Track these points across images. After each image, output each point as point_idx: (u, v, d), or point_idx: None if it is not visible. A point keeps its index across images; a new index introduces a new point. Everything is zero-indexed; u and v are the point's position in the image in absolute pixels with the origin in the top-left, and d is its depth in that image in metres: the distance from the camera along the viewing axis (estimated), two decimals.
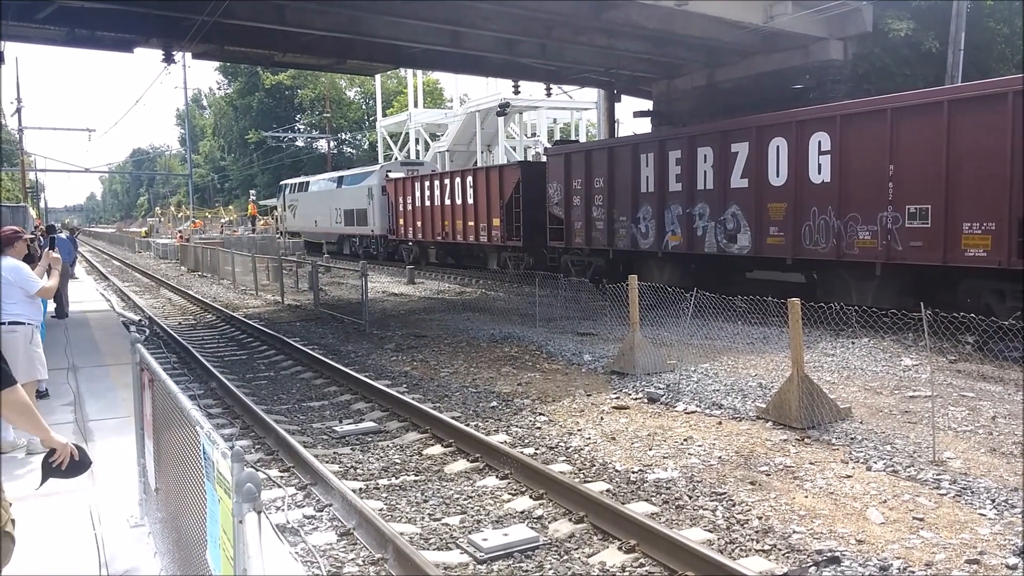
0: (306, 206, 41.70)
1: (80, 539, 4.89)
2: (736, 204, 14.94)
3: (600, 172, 18.50)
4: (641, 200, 17.28)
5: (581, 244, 19.35)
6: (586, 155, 19.18)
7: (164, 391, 3.90)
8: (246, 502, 2.33)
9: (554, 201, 20.19)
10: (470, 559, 5.30)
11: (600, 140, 19.99)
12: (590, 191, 18.82)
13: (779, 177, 14.07)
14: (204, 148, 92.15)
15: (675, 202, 16.38)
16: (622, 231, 17.88)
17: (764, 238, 14.39)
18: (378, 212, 32.84)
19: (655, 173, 16.86)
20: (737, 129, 15.08)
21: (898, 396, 8.97)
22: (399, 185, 30.68)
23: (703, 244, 15.73)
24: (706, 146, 15.58)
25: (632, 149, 17.66)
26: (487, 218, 24.28)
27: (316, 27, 18.70)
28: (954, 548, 5.12)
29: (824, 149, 13.27)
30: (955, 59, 18.31)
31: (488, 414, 8.98)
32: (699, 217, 15.82)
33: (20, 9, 16.18)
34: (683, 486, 6.42)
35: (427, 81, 61.22)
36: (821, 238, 13.35)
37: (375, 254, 33.97)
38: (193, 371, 11.76)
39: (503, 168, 24.63)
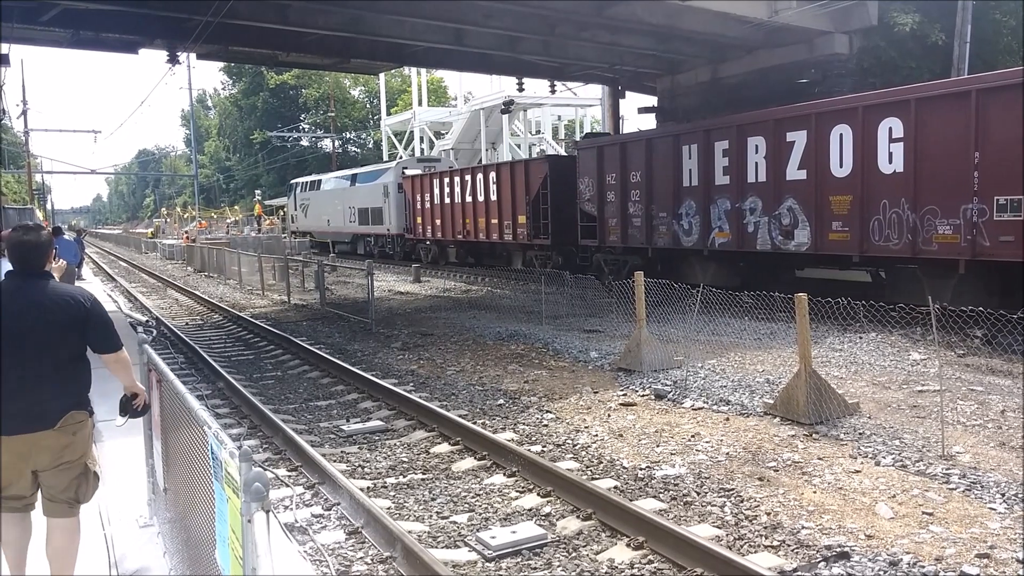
0: (318, 205, 40.83)
1: (90, 539, 4.90)
2: (793, 197, 13.94)
3: (637, 165, 17.54)
4: (683, 195, 16.32)
5: (616, 242, 18.40)
6: (621, 148, 18.19)
7: (172, 391, 3.90)
8: (254, 501, 2.33)
9: (585, 197, 19.26)
10: (478, 557, 5.30)
11: (637, 132, 18.85)
12: (626, 186, 17.86)
13: (843, 168, 13.05)
14: (209, 148, 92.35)
15: (722, 196, 15.38)
16: (662, 228, 16.93)
17: (826, 234, 13.39)
18: (394, 210, 32.01)
19: (699, 165, 15.86)
20: (793, 117, 14.05)
21: (906, 391, 8.94)
22: (416, 182, 29.78)
23: (755, 241, 14.70)
24: (757, 135, 14.56)
25: (673, 140, 16.60)
26: (512, 216, 23.29)
27: (319, 26, 18.71)
28: (964, 543, 5.10)
29: (896, 136, 12.22)
30: (961, 52, 18.24)
31: (495, 412, 8.98)
32: (750, 212, 14.81)
33: (25, 12, 16.23)
34: (691, 482, 6.41)
35: (431, 79, 61.21)
36: (893, 233, 12.31)
37: (391, 254, 33.19)
38: (200, 371, 11.80)
39: (529, 163, 23.64)
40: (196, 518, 3.52)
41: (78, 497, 3.95)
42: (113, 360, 3.96)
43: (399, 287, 23.77)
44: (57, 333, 3.76)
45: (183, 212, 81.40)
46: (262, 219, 55.96)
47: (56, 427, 3.76)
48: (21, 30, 17.26)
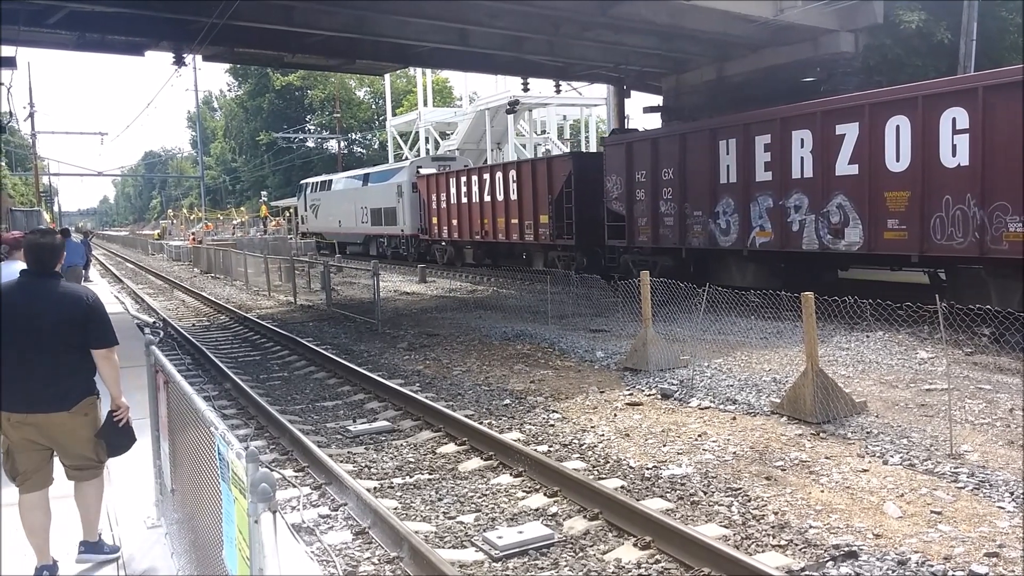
0: (329, 206, 40.11)
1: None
2: (843, 194, 13.22)
3: (669, 162, 16.88)
4: (720, 192, 15.63)
5: (646, 242, 17.74)
6: (652, 144, 17.52)
7: (179, 392, 3.91)
8: (261, 502, 2.33)
9: (613, 196, 18.66)
10: (485, 557, 5.30)
11: (669, 126, 18.02)
12: (657, 184, 17.21)
13: (899, 162, 12.31)
14: (215, 150, 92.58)
15: (763, 193, 14.70)
16: (696, 227, 16.25)
17: (880, 232, 12.64)
18: (408, 211, 31.25)
19: (738, 161, 15.15)
20: (843, 108, 13.30)
21: (914, 389, 8.91)
22: (432, 181, 28.89)
23: (800, 240, 13.99)
24: (803, 129, 13.85)
25: (709, 135, 15.91)
26: (533, 215, 22.58)
27: (324, 27, 18.74)
28: (973, 541, 5.08)
29: (960, 127, 11.45)
30: (967, 49, 18.19)
31: (501, 412, 8.97)
32: (795, 210, 14.10)
33: (31, 14, 16.29)
34: (698, 482, 6.40)
35: (436, 80, 61.29)
36: (957, 231, 11.54)
37: (405, 255, 32.42)
38: (207, 372, 11.82)
39: (552, 160, 22.83)
40: (203, 519, 3.53)
41: (99, 457, 4.47)
42: (103, 356, 4.31)
43: (405, 287, 23.79)
44: (68, 327, 4.22)
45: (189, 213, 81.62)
46: (268, 220, 56.05)
47: (71, 410, 4.26)
48: (27, 32, 17.32)
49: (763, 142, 14.71)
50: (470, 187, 26.15)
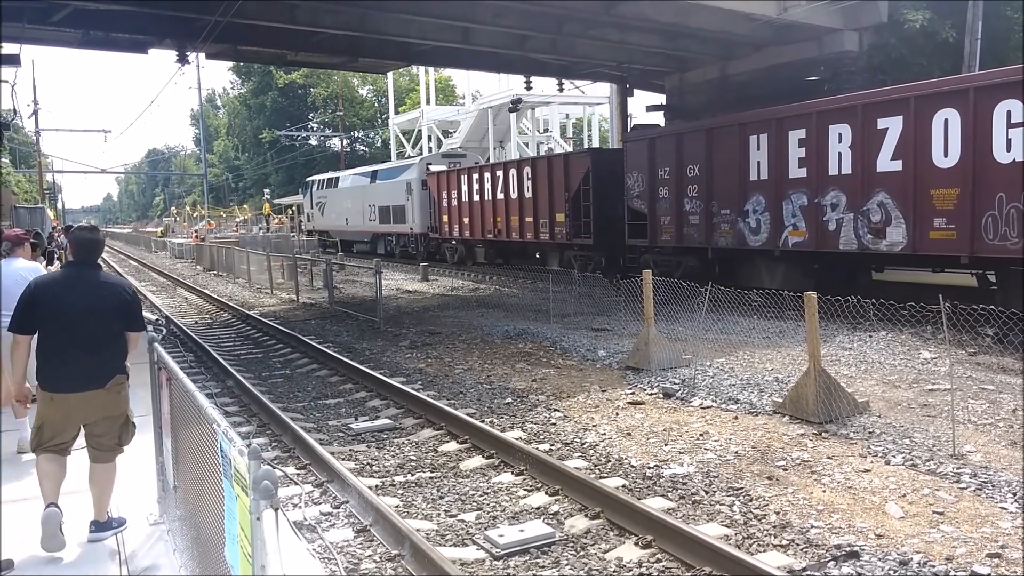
0: (336, 203, 39.38)
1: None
2: (885, 191, 12.60)
3: (695, 158, 16.28)
4: (750, 189, 15.04)
5: (669, 241, 17.12)
6: (677, 139, 16.89)
7: (181, 389, 3.92)
8: (263, 499, 2.33)
9: (634, 193, 18.02)
10: (486, 555, 5.30)
11: (695, 121, 17.45)
12: (681, 181, 16.60)
13: (948, 157, 11.73)
14: (218, 148, 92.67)
15: (797, 191, 14.10)
16: (724, 226, 15.64)
17: (925, 231, 12.06)
18: (418, 208, 30.66)
19: (770, 157, 14.57)
20: (886, 101, 12.69)
21: (917, 389, 8.90)
22: (442, 179, 28.20)
23: (837, 240, 13.41)
24: (841, 123, 13.22)
25: (738, 130, 15.28)
26: (549, 213, 21.85)
27: (327, 26, 18.74)
28: (975, 542, 5.07)
29: (1016, 121, 10.91)
30: (972, 48, 18.17)
31: (503, 410, 8.97)
32: (831, 208, 13.50)
33: (35, 12, 16.31)
34: (699, 481, 6.40)
35: (439, 78, 61.30)
36: (1011, 231, 10.97)
37: (414, 254, 31.77)
38: (210, 369, 11.83)
39: (569, 157, 22.16)
40: (206, 516, 3.54)
41: (120, 441, 4.87)
42: (136, 337, 4.91)
43: (407, 286, 23.79)
44: (109, 313, 4.72)
45: (192, 211, 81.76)
46: (271, 218, 56.11)
47: (105, 387, 4.70)
48: (32, 30, 17.33)
49: (797, 137, 14.09)
50: (482, 184, 25.48)
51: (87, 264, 4.84)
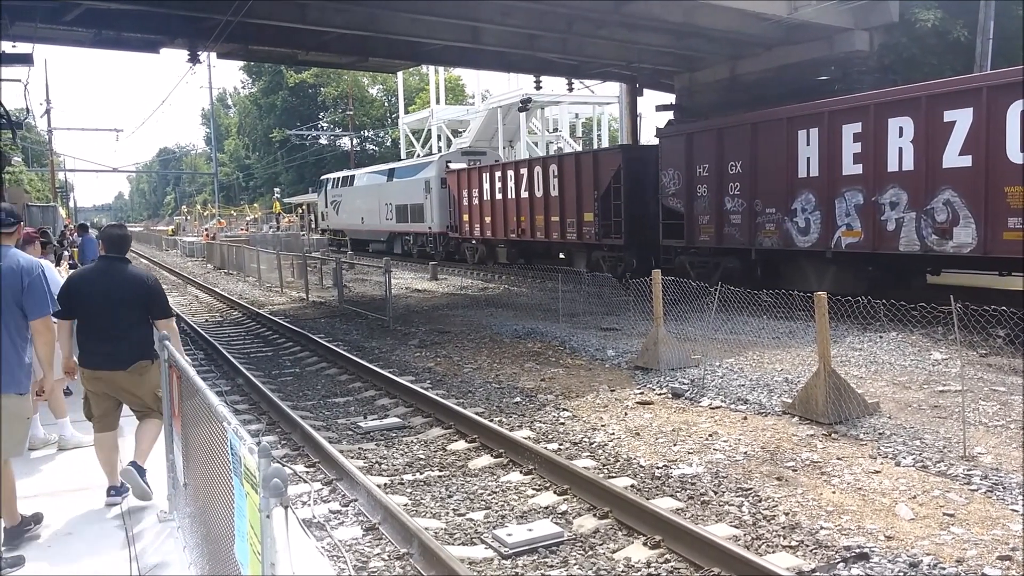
0: (351, 202, 38.58)
1: (111, 533, 4.96)
2: (952, 189, 11.85)
3: (737, 154, 15.53)
4: (799, 187, 14.30)
5: (708, 242, 16.38)
6: (717, 135, 16.13)
7: (192, 387, 3.94)
8: (273, 497, 2.34)
9: (670, 191, 17.27)
10: (495, 554, 5.31)
11: (737, 115, 16.51)
12: (722, 178, 15.85)
13: None
14: (229, 147, 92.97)
15: (852, 189, 13.33)
16: (769, 226, 14.89)
17: (998, 232, 11.31)
18: (436, 207, 29.87)
19: (821, 153, 13.85)
20: (953, 92, 11.92)
21: (927, 391, 8.86)
22: (463, 177, 27.46)
23: (896, 241, 12.64)
24: (902, 116, 12.45)
25: (786, 124, 14.48)
26: (576, 212, 21.04)
27: (337, 25, 18.78)
28: (985, 544, 5.05)
29: None
30: (984, 48, 18.06)
31: (512, 410, 8.98)
32: (890, 207, 12.72)
33: (48, 12, 16.40)
34: (708, 482, 6.38)
35: (449, 78, 61.32)
36: None
37: (432, 254, 30.94)
38: (220, 367, 11.88)
39: (599, 154, 21.36)
40: (215, 513, 3.55)
41: (156, 407, 5.27)
42: (164, 325, 5.24)
43: (416, 284, 23.82)
44: (134, 302, 5.23)
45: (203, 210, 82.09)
46: (281, 217, 56.25)
47: (127, 370, 5.16)
48: (44, 30, 17.44)
49: (852, 131, 13.33)
50: (505, 182, 24.69)
51: (116, 258, 5.40)
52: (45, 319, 4.69)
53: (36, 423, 6.83)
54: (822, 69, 20.75)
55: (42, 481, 5.99)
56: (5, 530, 4.62)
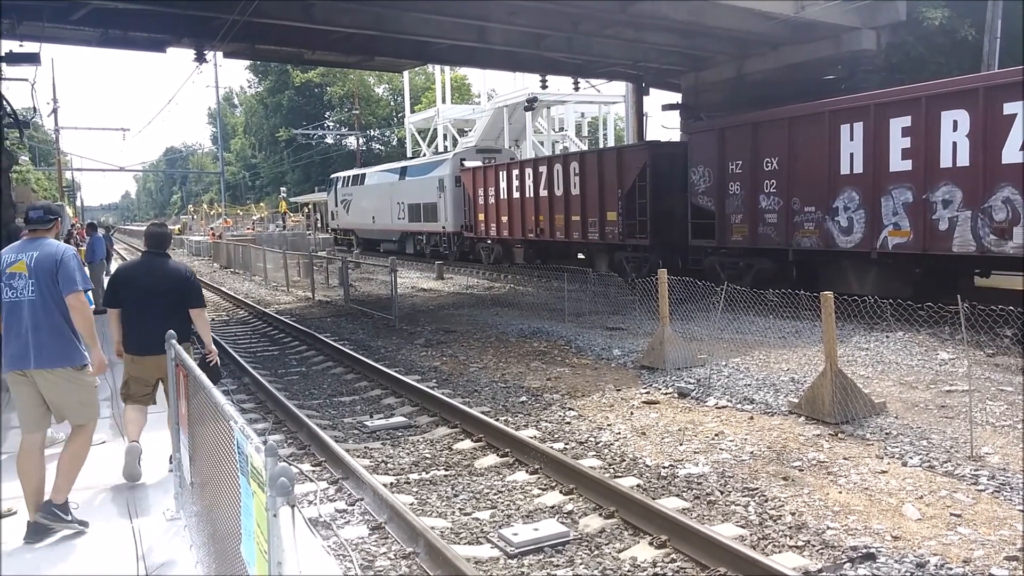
0: (362, 201, 37.99)
1: (118, 531, 4.97)
2: (1012, 186, 11.24)
3: (773, 150, 14.89)
4: (841, 184, 13.66)
5: (741, 242, 15.75)
6: (752, 129, 15.44)
7: (199, 386, 3.95)
8: (280, 496, 2.35)
9: (699, 189, 16.65)
10: (500, 553, 5.31)
11: (773, 109, 15.76)
12: (756, 175, 15.23)
13: None
14: (235, 146, 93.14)
15: (900, 186, 12.68)
16: (808, 225, 14.26)
17: None
18: (451, 206, 29.17)
19: (866, 148, 13.19)
20: (1013, 83, 11.28)
21: (934, 390, 8.84)
22: (478, 175, 26.67)
23: (949, 241, 12.02)
24: (956, 109, 11.84)
25: (827, 119, 13.82)
26: (599, 212, 20.31)
27: (344, 25, 18.81)
28: (993, 545, 5.03)
29: None
30: (991, 47, 17.98)
31: (517, 409, 8.98)
32: (943, 205, 12.08)
33: (55, 11, 16.46)
34: (714, 481, 6.38)
35: (455, 77, 61.31)
36: None
37: (445, 254, 30.40)
38: (226, 366, 11.88)
39: (623, 151, 20.46)
40: (222, 512, 3.56)
41: None
42: (197, 314, 5.99)
43: (422, 284, 23.84)
44: (169, 292, 5.88)
45: (209, 209, 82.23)
46: (287, 216, 56.35)
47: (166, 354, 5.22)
48: (51, 29, 17.51)
49: (900, 125, 12.67)
50: (523, 181, 23.86)
51: (157, 253, 6.12)
52: (78, 294, 4.91)
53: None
54: (829, 68, 20.68)
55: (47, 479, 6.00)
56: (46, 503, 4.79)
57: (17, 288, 4.83)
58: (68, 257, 4.92)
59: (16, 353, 4.81)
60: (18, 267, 4.85)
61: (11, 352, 4.82)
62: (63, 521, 4.79)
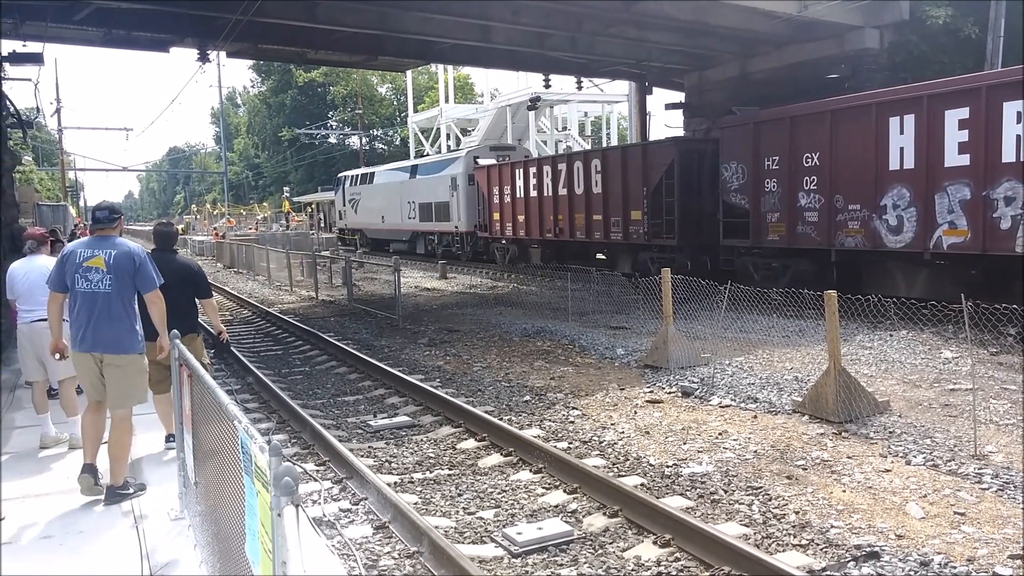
0: (370, 200, 37.10)
1: (122, 531, 4.98)
2: None
3: (814, 144, 14.13)
4: (889, 181, 12.90)
5: (777, 242, 14.98)
6: (791, 123, 14.67)
7: (203, 386, 3.95)
8: (284, 495, 2.35)
9: (732, 187, 15.89)
10: (504, 553, 5.31)
11: (814, 101, 14.93)
12: (796, 171, 14.49)
13: None
14: (238, 146, 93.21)
15: (956, 182, 11.99)
16: (853, 224, 13.50)
17: None
18: (464, 205, 28.43)
19: (918, 142, 12.47)
20: None
21: (938, 389, 8.82)
22: (493, 173, 25.76)
23: (1012, 241, 11.32)
24: (1020, 100, 11.09)
25: (875, 111, 13.04)
26: (622, 211, 19.45)
27: (347, 24, 18.82)
28: (996, 543, 5.03)
29: None
30: (995, 45, 17.95)
31: (521, 408, 8.98)
32: (1005, 202, 11.41)
33: (58, 11, 16.49)
34: (718, 480, 6.38)
35: (458, 76, 61.32)
36: None
37: (458, 254, 29.74)
38: (230, 366, 11.92)
39: (649, 147, 19.57)
40: (226, 511, 3.56)
41: None
42: (208, 303, 6.92)
43: (425, 283, 23.85)
44: (184, 286, 6.57)
45: (212, 209, 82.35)
46: (290, 216, 56.40)
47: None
48: (54, 29, 17.54)
49: (957, 117, 11.99)
50: (541, 179, 22.98)
51: (165, 249, 6.79)
52: (156, 291, 5.60)
53: (47, 422, 6.88)
54: (832, 67, 20.67)
55: (52, 479, 6.03)
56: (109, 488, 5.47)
57: (93, 281, 5.42)
58: (144, 260, 5.59)
59: (84, 337, 5.43)
60: (96, 262, 5.43)
61: (80, 335, 5.46)
62: (127, 497, 5.46)
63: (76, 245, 5.63)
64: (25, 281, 6.95)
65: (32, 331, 6.87)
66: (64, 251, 5.73)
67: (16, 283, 7.00)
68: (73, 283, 5.44)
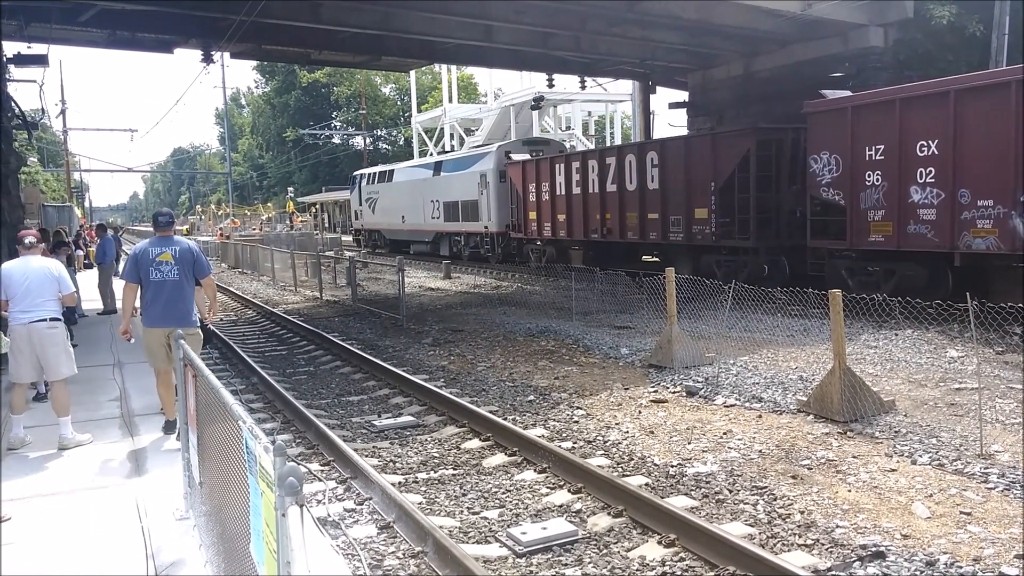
0: (390, 199, 35.34)
1: (127, 531, 4.99)
2: None
3: (930, 131, 12.34)
4: None
5: (882, 243, 13.22)
6: (899, 105, 12.78)
7: (207, 386, 3.96)
8: (288, 495, 2.35)
9: (823, 180, 14.09)
10: (509, 552, 5.31)
11: (929, 81, 13.21)
12: (905, 162, 12.70)
13: None
14: (243, 146, 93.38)
15: None
16: (983, 223, 11.73)
17: None
18: (494, 204, 26.72)
19: None
20: None
21: (943, 388, 8.80)
22: (528, 169, 24.06)
23: None
24: None
25: (1013, 90, 11.18)
26: (685, 208, 17.74)
27: (351, 25, 18.83)
28: (1003, 543, 5.01)
29: None
30: (1000, 43, 17.92)
31: (525, 408, 8.98)
32: None
33: (63, 12, 16.53)
34: (723, 480, 6.36)
35: (461, 76, 61.36)
36: None
37: (487, 256, 28.09)
38: (235, 366, 11.93)
39: (718, 137, 17.58)
40: (231, 512, 3.57)
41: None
42: (208, 281, 7.33)
43: (430, 283, 23.86)
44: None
45: (217, 209, 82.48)
46: (294, 216, 56.49)
47: None
48: (59, 30, 17.58)
49: None
50: (585, 175, 21.23)
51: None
52: (210, 276, 7.26)
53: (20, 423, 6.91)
54: (837, 65, 20.64)
55: (53, 480, 6.04)
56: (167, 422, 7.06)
57: (163, 271, 6.93)
58: (199, 252, 7.18)
59: (157, 315, 6.90)
60: (165, 257, 6.97)
61: (153, 315, 6.93)
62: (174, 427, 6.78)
63: (146, 244, 7.10)
64: (24, 282, 6.83)
65: (31, 332, 6.79)
66: (135, 250, 7.10)
67: (13, 284, 6.83)
68: (147, 275, 6.89)
